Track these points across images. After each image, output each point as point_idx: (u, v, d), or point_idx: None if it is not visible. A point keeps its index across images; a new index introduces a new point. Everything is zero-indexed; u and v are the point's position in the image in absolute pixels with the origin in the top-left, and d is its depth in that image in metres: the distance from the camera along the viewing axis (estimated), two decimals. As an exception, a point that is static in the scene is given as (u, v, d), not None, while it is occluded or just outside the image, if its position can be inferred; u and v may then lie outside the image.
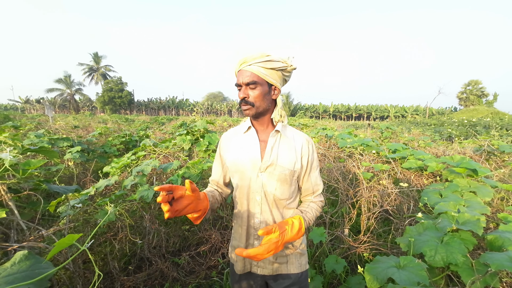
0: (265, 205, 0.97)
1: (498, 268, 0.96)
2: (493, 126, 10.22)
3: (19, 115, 16.45)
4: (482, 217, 1.38)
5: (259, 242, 0.98)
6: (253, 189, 0.97)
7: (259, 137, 1.00)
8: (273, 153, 0.96)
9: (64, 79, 40.02)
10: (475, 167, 1.98)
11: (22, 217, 1.15)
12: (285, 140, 1.00)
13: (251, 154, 0.97)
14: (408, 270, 1.12)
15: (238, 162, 0.98)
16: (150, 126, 11.57)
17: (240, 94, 0.95)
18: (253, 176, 0.96)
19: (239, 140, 1.03)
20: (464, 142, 4.63)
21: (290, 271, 1.02)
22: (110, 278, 1.91)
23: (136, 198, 2.12)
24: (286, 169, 0.96)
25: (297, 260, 1.04)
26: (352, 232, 2.36)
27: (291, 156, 0.98)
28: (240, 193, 1.00)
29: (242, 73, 0.94)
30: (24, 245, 0.84)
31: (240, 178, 0.99)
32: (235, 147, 1.02)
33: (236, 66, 0.97)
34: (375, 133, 7.22)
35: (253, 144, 0.99)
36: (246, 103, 0.95)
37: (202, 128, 3.83)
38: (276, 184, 0.96)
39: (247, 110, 0.96)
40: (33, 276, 0.67)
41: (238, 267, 1.04)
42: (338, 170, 2.77)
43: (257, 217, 0.98)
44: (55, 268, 0.57)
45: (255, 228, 0.98)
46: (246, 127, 1.02)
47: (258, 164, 0.95)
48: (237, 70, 0.97)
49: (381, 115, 48.91)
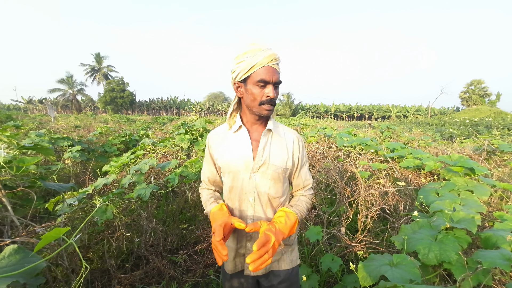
0: (258, 205, 0.96)
1: (490, 266, 0.95)
2: (495, 126, 10.16)
3: (22, 115, 16.56)
4: (477, 216, 1.37)
5: (252, 243, 0.97)
6: (245, 190, 0.95)
7: (250, 136, 0.98)
8: (265, 152, 0.95)
9: (67, 80, 40.21)
10: (472, 166, 1.97)
11: (17, 213, 1.16)
12: (277, 138, 0.99)
13: (243, 154, 0.95)
14: (401, 268, 1.12)
15: (230, 162, 0.96)
16: (151, 126, 11.61)
17: (270, 93, 0.88)
18: (246, 177, 0.94)
19: (229, 140, 0.99)
20: (465, 142, 4.61)
21: (281, 267, 1.02)
22: (107, 276, 1.92)
23: (134, 197, 2.13)
24: (279, 168, 0.95)
25: (289, 257, 1.04)
26: (349, 231, 2.36)
27: (283, 154, 0.98)
28: (232, 194, 0.98)
29: (271, 70, 0.88)
30: (16, 240, 0.85)
31: (232, 179, 0.97)
32: (226, 147, 0.99)
33: (261, 59, 0.86)
34: (376, 133, 7.21)
35: (244, 144, 0.96)
36: (273, 103, 0.91)
37: (201, 127, 3.84)
38: (269, 183, 0.95)
39: (269, 110, 0.92)
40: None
41: (229, 267, 1.02)
42: (336, 169, 2.76)
43: (250, 218, 0.96)
44: (42, 259, 0.57)
45: None
46: (237, 126, 0.98)
47: (251, 164, 0.94)
48: (263, 64, 0.87)
49: (383, 115, 48.72)
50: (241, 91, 0.95)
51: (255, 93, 0.89)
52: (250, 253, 0.96)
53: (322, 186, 2.78)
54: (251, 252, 0.88)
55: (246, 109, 0.97)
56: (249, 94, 0.91)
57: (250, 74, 0.88)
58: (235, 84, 0.95)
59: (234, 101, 1.01)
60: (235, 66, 0.92)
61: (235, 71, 0.92)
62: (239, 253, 1.00)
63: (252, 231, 0.84)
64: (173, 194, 2.99)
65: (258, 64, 0.87)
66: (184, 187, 2.94)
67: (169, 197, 2.91)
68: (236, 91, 0.97)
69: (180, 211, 2.81)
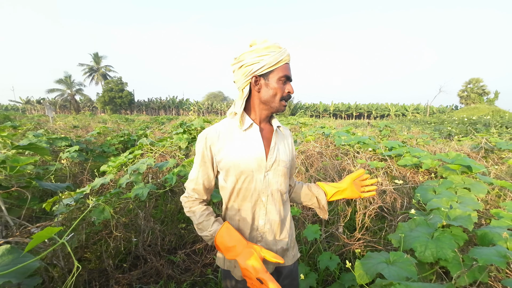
0: (271, 204, 0.94)
1: (485, 263, 0.96)
2: (493, 124, 10.19)
3: (20, 116, 16.50)
4: (474, 213, 1.37)
5: (262, 244, 0.95)
6: (258, 190, 0.92)
7: (262, 135, 0.95)
8: (276, 149, 0.96)
9: (65, 80, 40.12)
10: (469, 164, 1.97)
11: (12, 213, 1.16)
12: (280, 135, 1.02)
13: (255, 154, 0.90)
14: (398, 266, 1.12)
15: (240, 163, 0.89)
16: (149, 126, 11.58)
17: (291, 89, 0.92)
18: (260, 177, 0.91)
19: (236, 139, 0.92)
20: (463, 140, 4.62)
21: (284, 264, 1.02)
22: (105, 276, 1.92)
23: (131, 196, 2.13)
24: (287, 163, 0.98)
25: (291, 252, 1.04)
26: (348, 230, 2.36)
27: (286, 149, 1.01)
28: (240, 197, 0.93)
29: (289, 67, 0.92)
30: (10, 240, 0.84)
31: (242, 181, 0.91)
32: (233, 147, 0.91)
33: (286, 57, 0.89)
34: (374, 132, 7.22)
35: (256, 143, 0.92)
36: (287, 100, 0.94)
37: (199, 127, 3.84)
38: (280, 179, 0.96)
39: (286, 106, 0.95)
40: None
41: (239, 273, 0.94)
42: (333, 168, 2.76)
43: (262, 218, 0.94)
44: (34, 259, 0.57)
45: (258, 230, 0.95)
46: (248, 124, 0.93)
47: (264, 163, 0.91)
48: (287, 61, 0.90)
49: (382, 113, 48.82)
50: (259, 85, 0.90)
51: (278, 87, 0.89)
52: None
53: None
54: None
55: (258, 105, 0.94)
56: (270, 89, 0.89)
57: (275, 69, 0.88)
58: (253, 78, 0.90)
59: (245, 97, 0.92)
60: (257, 58, 0.87)
61: (256, 64, 0.87)
62: None
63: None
64: (172, 193, 2.99)
65: (284, 60, 0.89)
66: (182, 186, 2.94)
67: (167, 196, 2.91)
68: (253, 84, 0.91)
69: (178, 210, 2.81)
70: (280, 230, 0.98)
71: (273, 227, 0.96)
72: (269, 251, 0.84)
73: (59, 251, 1.33)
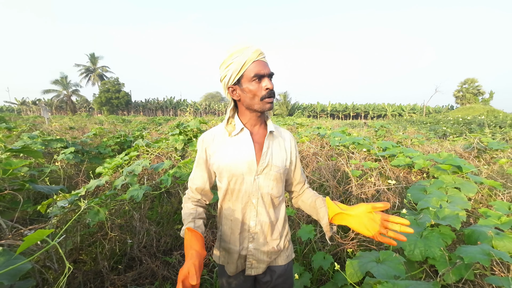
0: (261, 207, 0.96)
1: (470, 261, 0.98)
2: (487, 124, 10.31)
3: (15, 117, 16.35)
4: (462, 212, 1.40)
5: (253, 245, 0.98)
6: (249, 192, 0.95)
7: (252, 139, 0.97)
8: (268, 154, 0.96)
9: (61, 80, 39.79)
10: (459, 164, 2.01)
11: (5, 216, 1.16)
12: (276, 139, 1.01)
13: (246, 158, 0.93)
14: (387, 264, 1.15)
15: (232, 166, 0.93)
16: (146, 127, 11.54)
17: (268, 85, 0.88)
18: (249, 180, 0.94)
19: (229, 143, 0.96)
20: (456, 140, 4.68)
21: (278, 263, 1.04)
22: (100, 277, 1.92)
23: (127, 198, 2.13)
24: (280, 168, 0.97)
25: (285, 253, 1.06)
26: (342, 230, 2.38)
27: (282, 154, 1.00)
28: (233, 197, 0.96)
29: (262, 63, 0.89)
30: (3, 242, 0.85)
31: (234, 183, 0.94)
32: (226, 151, 0.95)
33: (250, 56, 0.87)
34: (370, 132, 7.27)
35: (247, 147, 0.94)
36: (272, 95, 0.91)
37: (195, 128, 3.84)
38: (272, 183, 0.96)
39: (271, 103, 0.92)
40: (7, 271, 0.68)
41: (231, 270, 1.00)
42: (328, 168, 2.79)
43: (253, 219, 0.97)
44: (25, 261, 0.58)
45: (249, 231, 0.98)
46: (239, 129, 0.95)
47: (255, 167, 0.93)
48: (253, 59, 0.87)
49: (379, 114, 49.10)
50: (237, 93, 0.93)
51: (253, 89, 0.89)
52: (251, 254, 0.98)
53: (315, 186, 2.81)
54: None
55: (245, 110, 0.96)
56: (247, 93, 0.90)
57: (243, 73, 0.88)
58: (229, 89, 0.94)
59: (230, 106, 0.98)
60: (225, 71, 0.91)
61: (226, 76, 0.91)
62: (241, 255, 1.00)
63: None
64: (167, 195, 2.99)
65: (249, 61, 0.87)
66: (178, 187, 2.95)
67: (163, 198, 2.91)
68: (232, 95, 0.94)
69: (174, 211, 2.81)
70: (271, 232, 1.00)
71: (263, 229, 0.98)
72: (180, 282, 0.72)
73: (52, 253, 1.34)
